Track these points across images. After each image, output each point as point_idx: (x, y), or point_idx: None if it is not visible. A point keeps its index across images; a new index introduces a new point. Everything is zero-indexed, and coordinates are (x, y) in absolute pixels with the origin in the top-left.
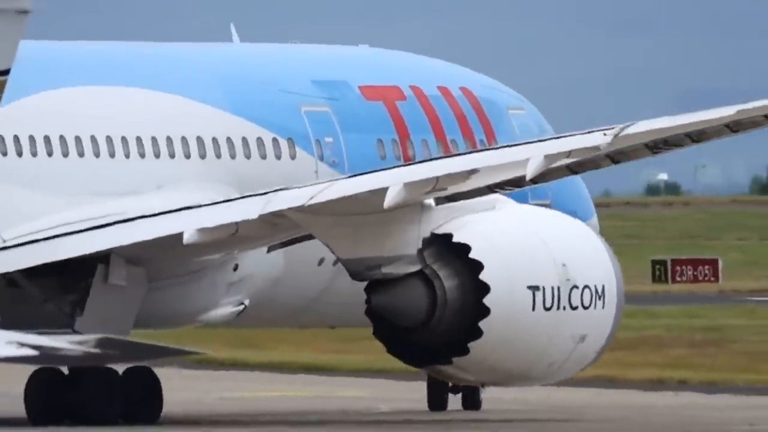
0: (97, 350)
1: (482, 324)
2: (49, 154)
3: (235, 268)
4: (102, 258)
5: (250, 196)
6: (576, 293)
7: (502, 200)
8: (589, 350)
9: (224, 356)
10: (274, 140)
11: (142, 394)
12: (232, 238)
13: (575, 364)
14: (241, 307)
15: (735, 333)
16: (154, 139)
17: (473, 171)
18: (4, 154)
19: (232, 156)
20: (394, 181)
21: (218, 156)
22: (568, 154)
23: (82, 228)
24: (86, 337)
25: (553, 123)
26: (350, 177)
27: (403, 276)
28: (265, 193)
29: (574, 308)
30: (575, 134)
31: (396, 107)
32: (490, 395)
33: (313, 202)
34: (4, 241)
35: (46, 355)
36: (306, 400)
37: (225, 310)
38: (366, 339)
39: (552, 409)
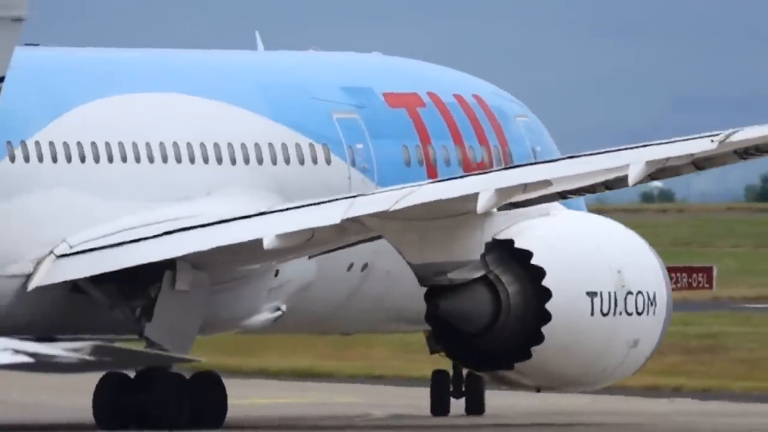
0: (92, 357)
1: (544, 329)
2: (110, 159)
3: (276, 274)
4: (168, 264)
5: (326, 201)
6: (631, 299)
7: (556, 206)
8: (640, 356)
9: (218, 363)
10: (311, 146)
11: (208, 399)
12: (306, 243)
13: (627, 370)
14: (279, 313)
15: (730, 340)
16: (202, 145)
17: (576, 176)
18: (69, 160)
19: (274, 161)
20: (484, 187)
21: (260, 162)
22: (666, 161)
23: (147, 234)
24: (81, 345)
25: (548, 127)
26: (431, 183)
27: (468, 282)
28: (341, 199)
29: (629, 314)
30: (675, 140)
31: (418, 114)
32: (488, 401)
33: (398, 206)
34: (71, 247)
35: (41, 362)
36: (302, 407)
37: (264, 316)
38: (362, 345)
39: (551, 414)
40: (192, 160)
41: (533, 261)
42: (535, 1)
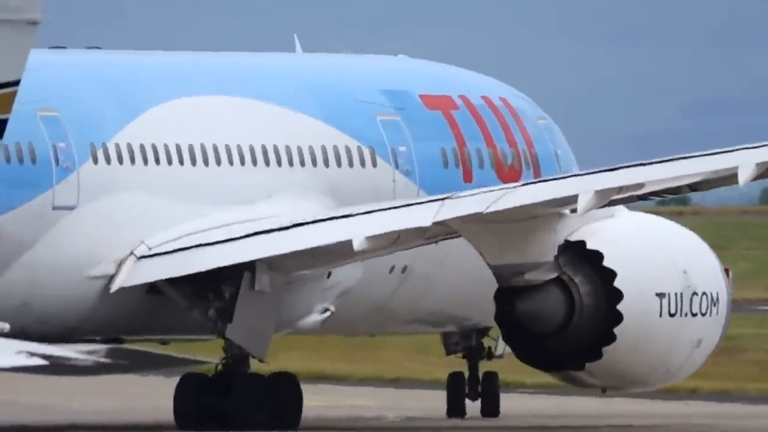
0: (107, 360)
1: (616, 330)
2: (181, 162)
3: (329, 276)
4: (246, 266)
5: (415, 204)
6: (696, 300)
7: (618, 209)
8: (702, 356)
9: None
10: (359, 149)
11: (285, 399)
12: (391, 244)
13: (688, 369)
14: (328, 314)
15: (746, 342)
16: (263, 148)
17: (677, 179)
18: (145, 162)
19: (326, 164)
20: (582, 189)
21: (315, 164)
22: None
23: (224, 236)
24: (96, 347)
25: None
26: (523, 185)
27: (542, 283)
28: (427, 201)
29: (694, 314)
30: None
31: (452, 116)
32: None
33: (492, 209)
34: (150, 249)
35: (56, 364)
36: (315, 409)
37: (316, 316)
38: (376, 348)
39: (566, 416)
40: (255, 163)
41: (605, 263)
42: (544, 9)
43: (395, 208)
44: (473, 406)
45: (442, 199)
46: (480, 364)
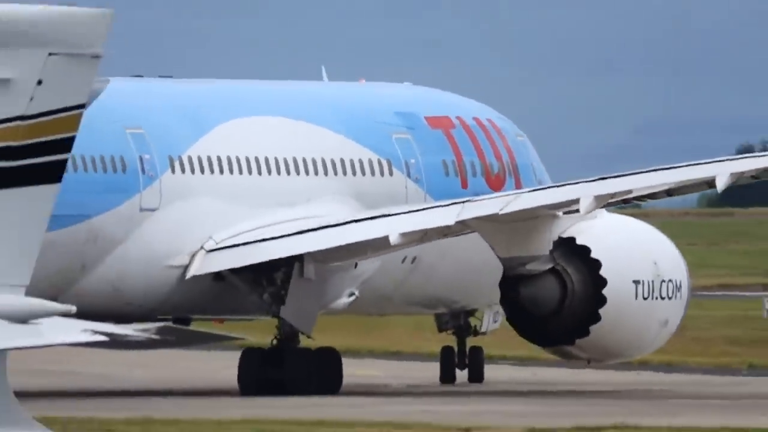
0: (157, 336)
1: (601, 311)
2: (240, 171)
3: (356, 266)
4: (296, 258)
5: (440, 206)
6: (664, 286)
7: (600, 211)
8: (667, 333)
9: (261, 341)
10: (378, 161)
11: (328, 370)
12: (419, 239)
13: (656, 344)
14: (353, 297)
15: (687, 322)
16: (304, 160)
17: (662, 185)
18: (212, 171)
19: (353, 173)
20: (582, 194)
21: (344, 173)
22: (743, 173)
23: (280, 233)
24: (149, 326)
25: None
26: (531, 191)
27: (541, 272)
28: (449, 204)
29: (662, 298)
30: (757, 156)
31: (451, 134)
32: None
33: (506, 210)
34: (216, 243)
35: (115, 340)
36: None
37: (344, 300)
38: (382, 327)
39: (538, 383)
40: (297, 172)
41: (592, 255)
42: (520, 47)
43: (423, 209)
44: (462, 375)
45: (462, 202)
46: (467, 339)
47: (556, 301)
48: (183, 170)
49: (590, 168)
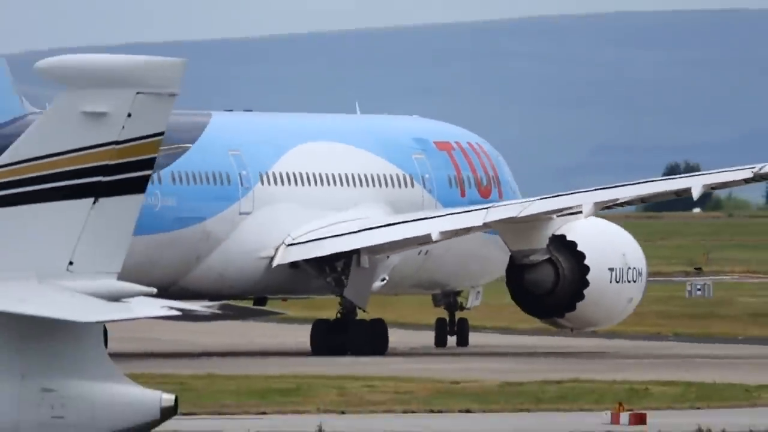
0: (219, 311)
1: (585, 291)
2: (309, 183)
3: (388, 257)
4: (355, 251)
5: (468, 211)
6: (630, 272)
7: (580, 215)
8: (631, 308)
9: (298, 315)
10: (403, 176)
11: (378, 336)
12: (452, 236)
13: (622, 317)
14: (385, 281)
15: None
16: (351, 174)
17: (641, 195)
18: (289, 183)
19: (386, 185)
20: (584, 201)
21: (380, 185)
22: (714, 186)
23: (342, 231)
24: (212, 303)
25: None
26: (540, 199)
27: (540, 261)
28: (474, 210)
29: (629, 282)
30: (726, 171)
31: (452, 155)
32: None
33: (523, 214)
34: (293, 239)
35: (186, 314)
36: None
37: (379, 283)
38: (392, 303)
39: (514, 346)
40: (347, 184)
41: (578, 248)
42: (495, 88)
43: (455, 213)
44: (451, 340)
45: (486, 208)
46: (456, 313)
47: (551, 284)
48: (269, 183)
49: (557, 180)
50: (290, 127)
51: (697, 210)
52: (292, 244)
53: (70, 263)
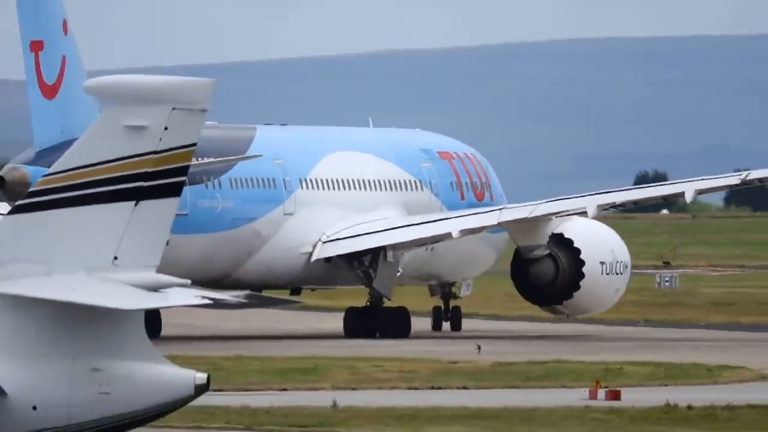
0: (246, 300)
1: (581, 283)
2: (338, 188)
3: (403, 253)
4: (382, 247)
5: (482, 212)
6: (617, 265)
7: (573, 217)
8: (617, 297)
9: (312, 303)
10: (414, 181)
11: (401, 322)
12: (468, 234)
13: (610, 305)
14: (399, 273)
15: None
16: (374, 180)
17: (635, 198)
18: (324, 188)
19: (401, 189)
20: (589, 204)
21: (397, 190)
22: (704, 191)
23: (371, 229)
24: (239, 293)
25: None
26: (546, 202)
27: (542, 256)
28: (488, 211)
29: (616, 274)
30: (716, 177)
31: (453, 163)
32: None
33: (533, 215)
34: (328, 237)
35: (216, 303)
36: None
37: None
38: (396, 293)
39: (502, 331)
40: (370, 188)
41: (575, 245)
42: (487, 106)
43: (471, 215)
44: (446, 326)
45: (500, 209)
46: (450, 301)
47: (551, 276)
48: (308, 187)
49: (543, 186)
50: (321, 139)
51: (665, 212)
52: (327, 241)
53: (115, 258)
